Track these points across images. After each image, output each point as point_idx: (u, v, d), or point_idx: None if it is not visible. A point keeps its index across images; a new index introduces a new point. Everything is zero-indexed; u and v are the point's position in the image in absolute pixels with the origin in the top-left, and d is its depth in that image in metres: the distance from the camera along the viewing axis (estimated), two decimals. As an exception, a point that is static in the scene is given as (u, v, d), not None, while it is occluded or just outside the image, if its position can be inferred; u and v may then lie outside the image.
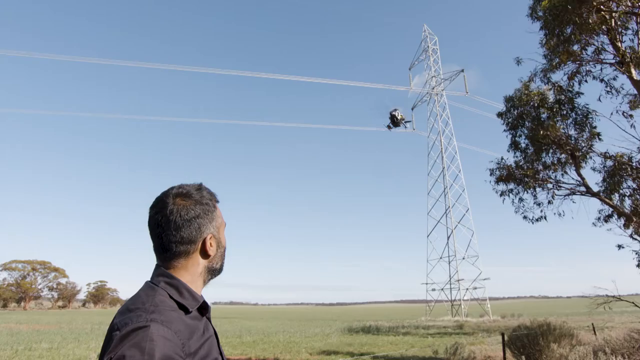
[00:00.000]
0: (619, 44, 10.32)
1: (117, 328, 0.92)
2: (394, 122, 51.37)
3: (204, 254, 1.14)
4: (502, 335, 10.33)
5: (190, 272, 1.12)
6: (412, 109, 55.75)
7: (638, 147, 10.49)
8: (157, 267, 1.13)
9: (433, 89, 54.00)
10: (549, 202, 12.68)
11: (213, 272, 1.19)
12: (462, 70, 53.41)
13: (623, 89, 10.55)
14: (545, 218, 12.97)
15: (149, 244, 1.13)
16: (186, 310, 1.03)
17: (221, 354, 1.13)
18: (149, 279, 1.11)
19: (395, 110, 51.26)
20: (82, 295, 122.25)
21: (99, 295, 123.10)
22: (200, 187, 1.18)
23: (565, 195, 12.32)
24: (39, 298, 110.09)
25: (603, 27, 10.01)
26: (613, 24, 10.17)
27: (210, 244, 1.15)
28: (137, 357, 0.84)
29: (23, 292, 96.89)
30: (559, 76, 11.61)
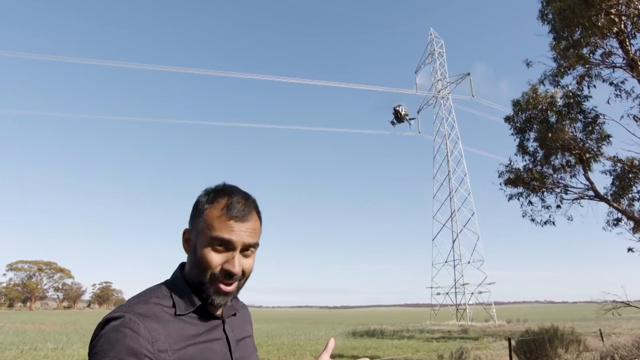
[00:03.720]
0: (629, 47, 10.23)
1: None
2: (398, 117, 51.28)
3: (187, 249, 1.09)
4: (509, 340, 10.21)
5: (189, 268, 1.07)
6: (418, 112, 55.64)
7: None
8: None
9: (439, 92, 53.88)
10: (558, 207, 12.58)
11: (192, 276, 1.04)
12: (469, 74, 53.33)
13: (633, 92, 10.45)
14: (553, 222, 12.87)
15: (155, 245, 1.09)
16: (181, 309, 1.00)
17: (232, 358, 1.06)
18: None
19: (399, 105, 51.17)
20: (87, 296, 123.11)
21: (104, 296, 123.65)
22: (207, 191, 1.10)
23: (573, 199, 12.22)
24: (45, 298, 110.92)
25: (612, 29, 9.92)
26: (622, 27, 10.07)
27: (185, 237, 1.08)
28: (104, 347, 0.87)
29: (29, 292, 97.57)
30: (568, 80, 11.53)
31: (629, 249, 11.66)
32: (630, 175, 11.03)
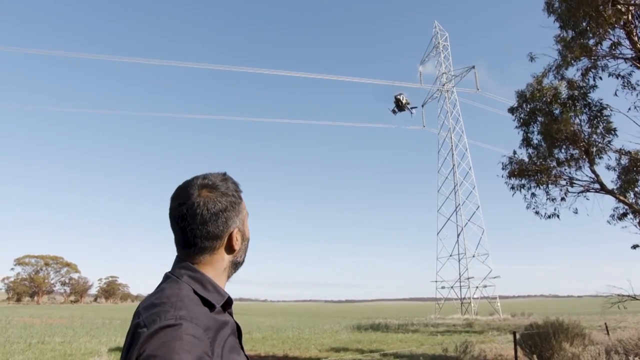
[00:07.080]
0: (636, 38, 10.08)
1: (144, 325, 0.88)
2: (399, 106, 51.17)
3: (230, 248, 1.09)
4: (514, 334, 10.21)
5: (214, 267, 1.07)
6: (423, 105, 55.35)
7: None
8: (179, 259, 1.08)
9: (443, 85, 53.52)
10: (562, 199, 12.48)
11: (236, 265, 1.16)
12: (473, 67, 52.89)
13: (639, 84, 10.31)
14: (558, 216, 12.77)
15: (160, 239, 1.11)
16: (211, 306, 0.98)
17: (242, 348, 1.08)
18: (170, 271, 1.06)
19: (400, 94, 51.02)
20: (93, 290, 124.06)
21: (110, 290, 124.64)
22: (225, 178, 1.12)
23: (578, 192, 12.11)
24: (52, 292, 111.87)
25: (620, 20, 9.77)
26: (630, 17, 9.92)
27: (236, 238, 1.10)
28: (167, 356, 0.80)
29: (36, 286, 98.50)
30: (572, 72, 11.38)
31: (634, 246, 11.55)
32: (636, 168, 10.92)
